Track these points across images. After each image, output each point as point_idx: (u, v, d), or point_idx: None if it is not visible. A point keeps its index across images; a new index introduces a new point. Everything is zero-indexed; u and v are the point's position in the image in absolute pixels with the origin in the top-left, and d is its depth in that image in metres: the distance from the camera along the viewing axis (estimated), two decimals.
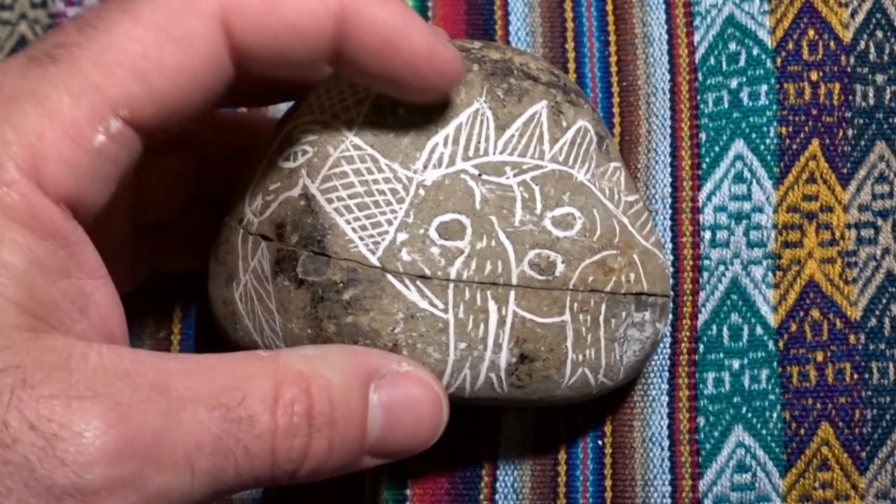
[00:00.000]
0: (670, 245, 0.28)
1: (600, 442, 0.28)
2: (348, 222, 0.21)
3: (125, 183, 0.20)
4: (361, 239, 0.21)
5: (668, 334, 0.28)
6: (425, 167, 0.21)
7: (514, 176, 0.22)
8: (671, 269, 0.28)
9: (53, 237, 0.18)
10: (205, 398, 0.18)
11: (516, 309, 0.21)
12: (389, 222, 0.21)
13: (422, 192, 0.21)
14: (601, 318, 0.22)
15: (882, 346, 0.28)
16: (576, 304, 0.22)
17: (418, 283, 0.21)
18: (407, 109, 0.22)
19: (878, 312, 0.28)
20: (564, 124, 0.23)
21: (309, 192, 0.22)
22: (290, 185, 0.22)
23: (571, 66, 0.29)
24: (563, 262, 0.22)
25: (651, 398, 0.28)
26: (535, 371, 0.22)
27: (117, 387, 0.17)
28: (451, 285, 0.21)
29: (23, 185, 0.18)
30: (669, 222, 0.28)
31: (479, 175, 0.22)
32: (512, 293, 0.21)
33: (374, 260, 0.21)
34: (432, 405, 0.20)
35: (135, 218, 0.24)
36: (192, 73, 0.19)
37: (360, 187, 0.21)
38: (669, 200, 0.28)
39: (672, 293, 0.28)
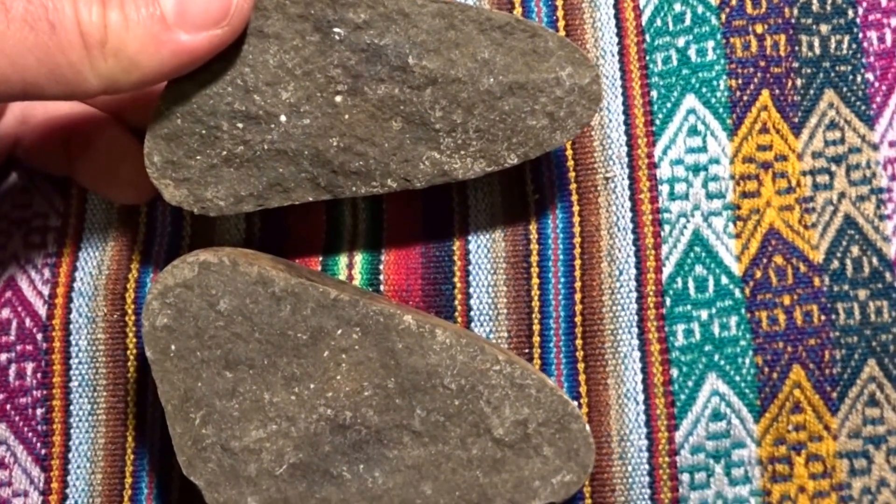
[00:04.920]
0: (629, 203, 0.28)
1: (576, 403, 0.28)
2: None
3: None
4: None
5: (634, 289, 0.28)
6: None
7: None
8: (630, 226, 0.28)
9: None
10: None
11: None
12: None
13: None
14: None
15: (846, 287, 0.28)
16: None
17: None
18: None
19: (839, 255, 0.28)
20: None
21: None
22: None
23: None
24: None
25: (622, 355, 0.28)
26: None
27: None
28: None
29: None
30: (627, 181, 0.28)
31: None
32: None
33: None
34: None
35: None
36: None
37: None
38: (626, 159, 0.29)
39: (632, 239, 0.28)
